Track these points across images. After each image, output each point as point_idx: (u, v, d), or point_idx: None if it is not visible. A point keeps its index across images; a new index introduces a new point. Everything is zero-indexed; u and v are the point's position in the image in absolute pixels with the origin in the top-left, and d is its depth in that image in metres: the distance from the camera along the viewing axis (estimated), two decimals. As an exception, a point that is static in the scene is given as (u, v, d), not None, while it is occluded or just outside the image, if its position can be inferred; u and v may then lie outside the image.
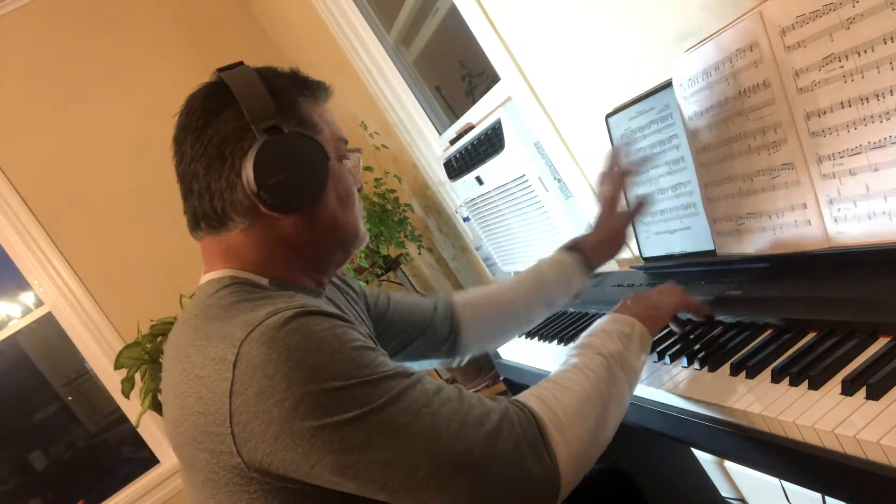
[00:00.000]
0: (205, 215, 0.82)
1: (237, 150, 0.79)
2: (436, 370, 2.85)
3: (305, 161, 0.80)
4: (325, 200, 0.84)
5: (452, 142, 2.13)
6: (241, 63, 0.83)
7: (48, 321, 3.22)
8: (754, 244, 0.98)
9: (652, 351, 0.98)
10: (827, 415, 0.65)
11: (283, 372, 0.66)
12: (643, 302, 0.95)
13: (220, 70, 0.83)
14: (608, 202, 1.15)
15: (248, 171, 0.77)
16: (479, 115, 2.07)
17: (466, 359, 1.20)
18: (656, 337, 0.94)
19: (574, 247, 1.16)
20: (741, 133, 0.95)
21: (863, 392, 0.65)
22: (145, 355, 2.42)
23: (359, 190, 0.92)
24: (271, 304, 0.72)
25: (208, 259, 0.85)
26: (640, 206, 1.17)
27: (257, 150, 0.77)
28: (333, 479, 0.68)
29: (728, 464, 1.57)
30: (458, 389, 0.74)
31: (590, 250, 1.16)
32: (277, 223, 0.82)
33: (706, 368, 0.88)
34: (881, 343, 0.71)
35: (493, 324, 1.18)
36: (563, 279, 1.15)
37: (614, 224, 1.16)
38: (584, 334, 0.90)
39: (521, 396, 0.77)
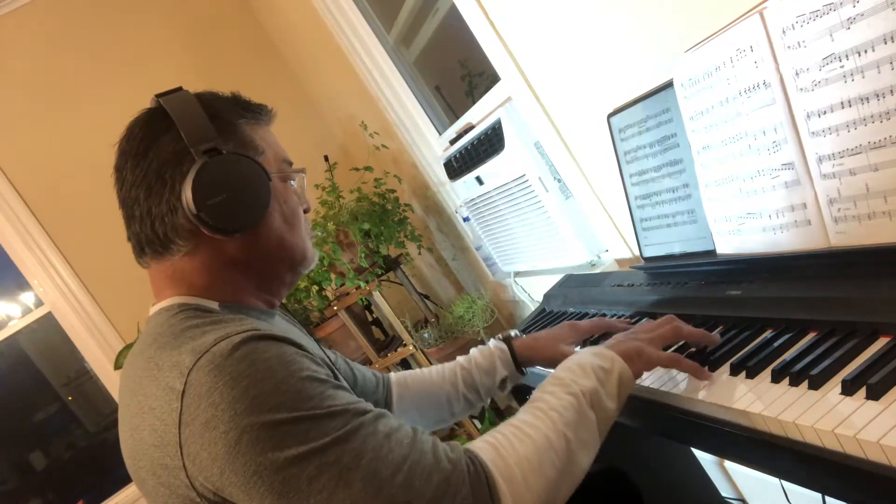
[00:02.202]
0: (148, 241, 0.82)
1: (177, 173, 0.79)
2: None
3: (245, 181, 0.80)
4: (271, 221, 0.83)
5: (452, 142, 2.13)
6: (180, 88, 0.84)
7: (48, 321, 3.22)
8: (754, 244, 0.98)
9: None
10: (827, 415, 0.65)
11: (228, 401, 0.65)
12: (629, 338, 0.90)
13: (158, 95, 0.83)
14: (580, 330, 1.13)
15: (188, 193, 0.77)
16: (479, 115, 2.07)
17: None
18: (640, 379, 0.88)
19: (506, 339, 1.17)
20: (741, 133, 0.95)
21: (863, 392, 0.65)
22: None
23: (305, 211, 0.91)
24: (221, 329, 0.71)
25: (157, 288, 0.85)
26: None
27: (196, 171, 0.77)
28: None
29: (728, 464, 1.57)
30: (413, 433, 0.71)
31: (519, 346, 1.15)
32: (222, 245, 0.81)
33: (706, 368, 0.88)
34: (881, 343, 0.71)
35: (416, 402, 1.18)
36: (486, 363, 1.16)
37: (557, 344, 1.12)
38: (560, 366, 0.86)
39: (477, 444, 0.74)
